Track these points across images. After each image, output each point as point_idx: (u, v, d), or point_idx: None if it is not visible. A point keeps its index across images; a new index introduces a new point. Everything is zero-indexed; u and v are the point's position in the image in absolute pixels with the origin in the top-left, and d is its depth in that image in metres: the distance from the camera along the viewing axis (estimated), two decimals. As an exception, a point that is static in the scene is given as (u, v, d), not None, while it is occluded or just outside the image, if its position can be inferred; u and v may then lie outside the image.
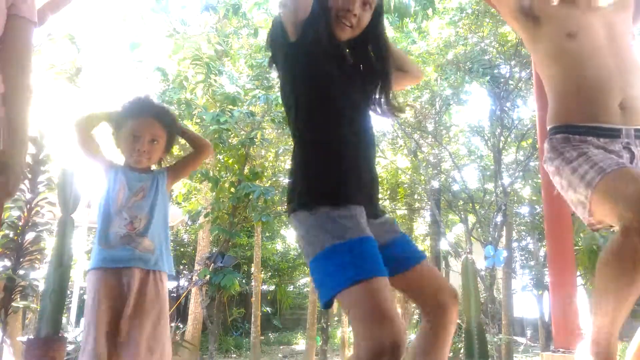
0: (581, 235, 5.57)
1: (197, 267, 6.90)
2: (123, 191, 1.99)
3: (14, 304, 3.50)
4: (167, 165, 2.24)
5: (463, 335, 4.01)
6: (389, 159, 9.40)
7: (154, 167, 2.16)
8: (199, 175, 6.31)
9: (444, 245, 10.43)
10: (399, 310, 9.13)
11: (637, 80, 1.68)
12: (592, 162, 1.54)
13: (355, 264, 1.19)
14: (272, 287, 13.82)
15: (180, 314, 9.97)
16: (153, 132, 2.01)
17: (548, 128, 1.76)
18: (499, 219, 7.99)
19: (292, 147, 1.57)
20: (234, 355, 10.60)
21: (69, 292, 6.16)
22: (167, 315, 2.01)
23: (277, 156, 8.15)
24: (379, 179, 1.64)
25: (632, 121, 1.63)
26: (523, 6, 1.88)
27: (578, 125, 1.66)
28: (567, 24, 1.75)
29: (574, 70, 1.72)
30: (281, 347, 11.66)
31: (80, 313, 7.43)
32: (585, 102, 1.67)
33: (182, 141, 2.53)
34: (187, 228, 11.83)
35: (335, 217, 1.26)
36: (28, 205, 3.58)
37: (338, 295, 1.19)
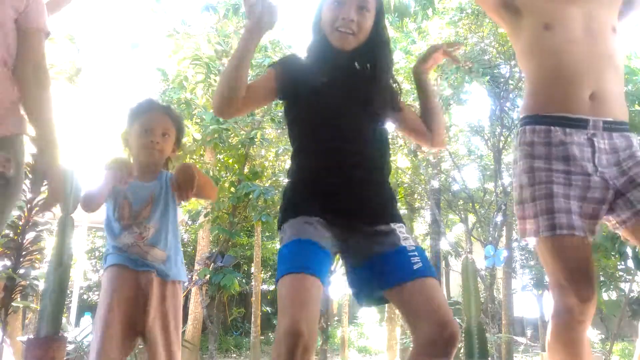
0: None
1: (197, 266, 6.89)
2: (128, 208, 1.93)
3: (14, 303, 3.50)
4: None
5: (463, 334, 4.01)
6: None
7: (165, 171, 2.08)
8: (199, 175, 6.30)
9: (444, 245, 10.42)
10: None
11: (611, 75, 1.67)
12: (549, 205, 1.58)
13: (280, 264, 1.36)
14: (272, 287, 13.81)
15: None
16: (164, 125, 2.00)
17: (520, 118, 1.78)
18: (499, 218, 7.98)
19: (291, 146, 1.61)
20: (234, 355, 10.60)
21: (69, 292, 6.16)
22: (181, 320, 2.00)
23: (277, 156, 8.14)
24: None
25: (601, 113, 1.62)
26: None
27: (545, 115, 1.67)
28: (544, 15, 1.73)
29: (547, 62, 1.71)
30: (281, 347, 11.65)
31: (80, 313, 7.43)
32: (555, 93, 1.67)
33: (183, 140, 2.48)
34: (187, 228, 11.82)
35: (283, 231, 1.44)
36: (28, 205, 3.58)
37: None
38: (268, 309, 12.98)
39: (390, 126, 1.71)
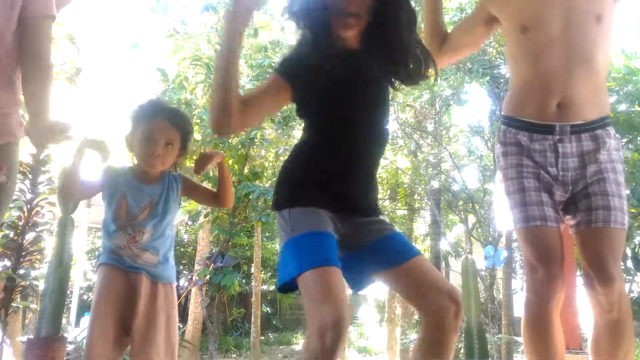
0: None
1: (197, 267, 6.90)
2: (125, 209, 1.91)
3: (14, 304, 3.49)
4: (183, 176, 2.10)
5: (463, 335, 4.01)
6: (389, 159, 9.40)
7: (169, 172, 2.06)
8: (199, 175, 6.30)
9: (444, 245, 10.42)
10: (399, 309, 9.13)
11: (585, 76, 1.69)
12: (521, 199, 1.72)
13: (301, 255, 1.31)
14: (272, 287, 13.80)
15: (180, 314, 9.96)
16: (167, 135, 1.92)
17: (501, 114, 1.89)
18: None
19: (291, 147, 1.58)
20: (234, 355, 10.60)
21: (69, 292, 6.16)
22: (176, 320, 1.99)
23: (277, 156, 8.15)
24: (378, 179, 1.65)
25: (568, 118, 1.69)
26: (482, 18, 1.90)
27: (517, 119, 1.77)
28: (521, 17, 1.75)
29: (522, 68, 1.79)
30: (281, 347, 11.66)
31: (80, 313, 7.43)
32: (527, 99, 1.76)
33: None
34: (187, 228, 11.82)
35: (290, 216, 1.40)
36: (28, 205, 3.58)
37: (296, 280, 1.31)
38: (268, 309, 12.97)
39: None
